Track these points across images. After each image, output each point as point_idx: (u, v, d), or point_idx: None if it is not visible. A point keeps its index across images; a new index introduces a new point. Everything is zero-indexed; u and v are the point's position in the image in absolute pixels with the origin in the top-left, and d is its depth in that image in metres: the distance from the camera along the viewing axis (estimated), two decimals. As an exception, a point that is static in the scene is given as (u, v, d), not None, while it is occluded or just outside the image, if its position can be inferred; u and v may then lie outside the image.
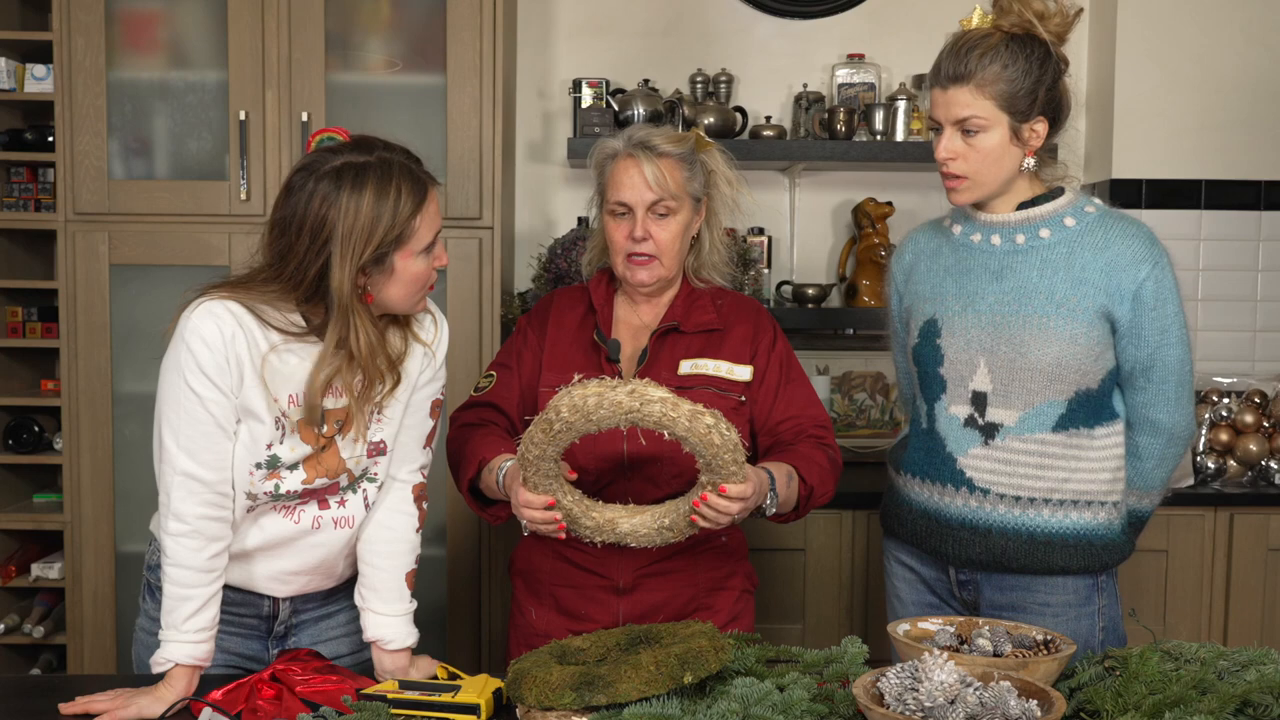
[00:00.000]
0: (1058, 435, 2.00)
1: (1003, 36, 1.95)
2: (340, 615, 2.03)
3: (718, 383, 2.08)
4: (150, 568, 1.97)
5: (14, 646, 3.24)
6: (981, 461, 2.03)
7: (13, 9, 3.25)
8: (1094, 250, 1.98)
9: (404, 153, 1.82)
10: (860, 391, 3.57)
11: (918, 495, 2.12)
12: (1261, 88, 3.48)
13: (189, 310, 1.76)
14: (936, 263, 2.12)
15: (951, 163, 1.99)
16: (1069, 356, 1.97)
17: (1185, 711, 1.46)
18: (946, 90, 1.97)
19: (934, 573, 2.14)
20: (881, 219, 3.50)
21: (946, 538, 2.07)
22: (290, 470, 1.83)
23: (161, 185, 3.06)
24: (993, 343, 2.01)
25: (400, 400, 1.90)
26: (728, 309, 2.16)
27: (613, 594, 2.08)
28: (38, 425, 3.24)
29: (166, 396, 1.77)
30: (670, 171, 2.07)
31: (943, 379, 2.07)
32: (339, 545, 1.93)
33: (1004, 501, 2.02)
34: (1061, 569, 2.01)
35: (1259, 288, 3.54)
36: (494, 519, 2.06)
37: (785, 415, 2.11)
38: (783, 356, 2.15)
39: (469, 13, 3.01)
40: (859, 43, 3.58)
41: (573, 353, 2.13)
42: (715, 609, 2.10)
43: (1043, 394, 1.99)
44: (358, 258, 1.73)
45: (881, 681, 1.45)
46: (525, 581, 2.17)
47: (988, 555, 2.03)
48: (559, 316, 2.17)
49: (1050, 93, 1.96)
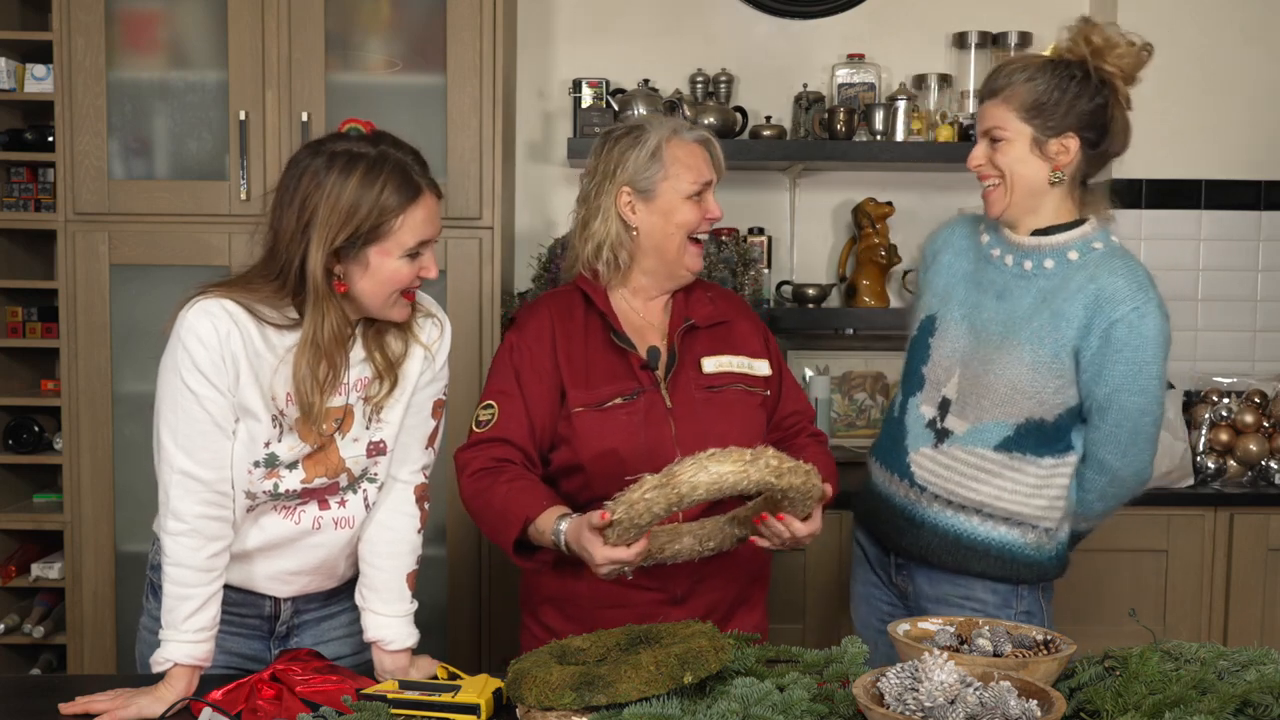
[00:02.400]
0: (998, 454, 2.04)
1: (1048, 59, 2.01)
2: (343, 616, 2.02)
3: (745, 379, 2.08)
4: (153, 567, 1.97)
5: (14, 646, 3.24)
6: (927, 461, 2.10)
7: (13, 9, 3.24)
8: (1079, 285, 1.99)
9: (412, 153, 1.81)
10: (860, 391, 3.57)
11: (876, 479, 2.22)
12: (1261, 88, 3.48)
13: (185, 309, 1.77)
14: (958, 262, 2.15)
15: (978, 170, 2.04)
16: (1025, 382, 1.99)
17: (1185, 711, 1.46)
18: (983, 104, 2.04)
19: (878, 554, 2.24)
20: (881, 219, 3.50)
21: (889, 523, 2.16)
22: (289, 469, 1.83)
23: (161, 185, 3.06)
24: (969, 356, 2.06)
25: (400, 402, 1.89)
26: (720, 300, 2.16)
27: (671, 605, 2.03)
28: (38, 425, 3.24)
29: (164, 396, 1.78)
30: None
31: (923, 377, 2.13)
32: (339, 546, 1.93)
33: (938, 501, 2.09)
34: (979, 573, 2.08)
35: (1259, 288, 3.54)
36: (543, 565, 1.98)
37: (790, 409, 2.15)
38: (778, 349, 2.19)
39: (469, 13, 3.01)
40: (859, 43, 3.58)
41: (594, 365, 2.03)
42: (754, 601, 2.14)
43: (991, 413, 2.03)
44: (331, 240, 1.73)
45: (881, 681, 1.45)
46: (558, 608, 2.07)
47: (917, 547, 2.12)
48: (559, 325, 2.06)
49: (1087, 113, 1.97)
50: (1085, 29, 1.99)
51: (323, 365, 1.78)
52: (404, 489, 1.96)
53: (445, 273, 3.04)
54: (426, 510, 1.98)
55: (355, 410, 1.86)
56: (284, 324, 1.79)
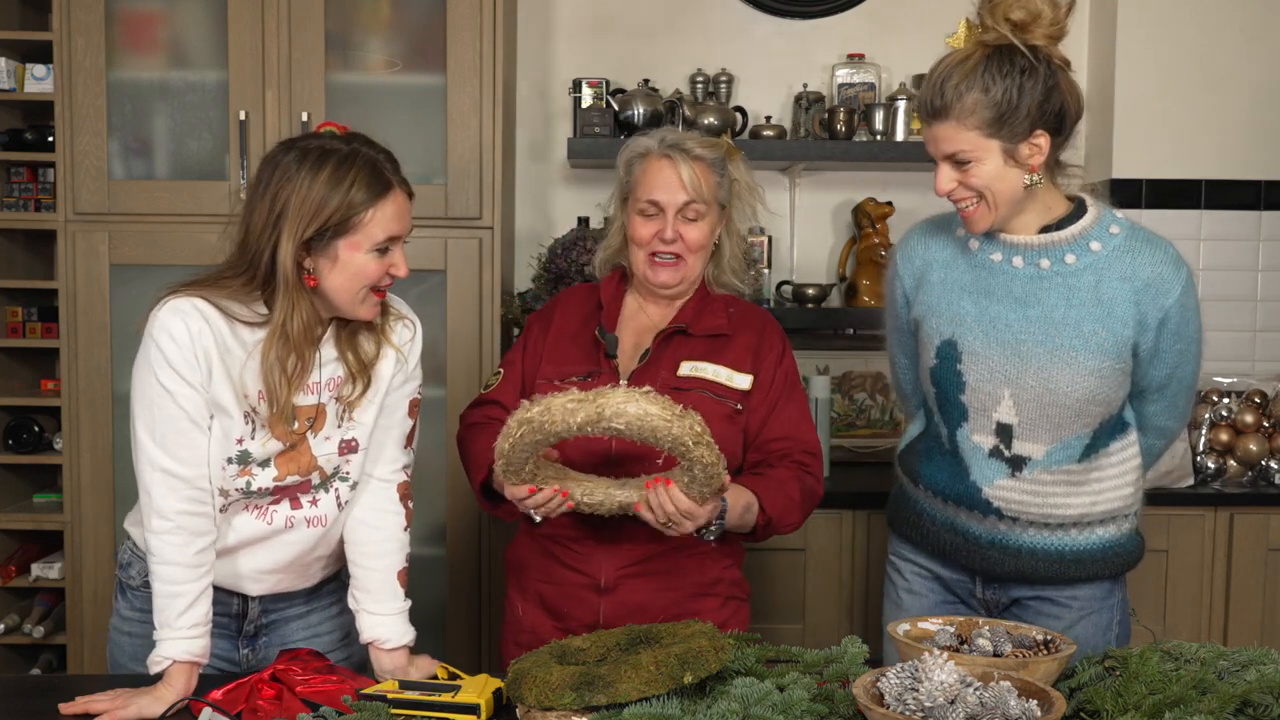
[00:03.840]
0: (1083, 464, 1.99)
1: (982, 55, 1.85)
2: (312, 616, 2.04)
3: (715, 388, 2.07)
4: (123, 565, 1.99)
5: (14, 646, 3.24)
6: (1009, 493, 2.00)
7: (13, 9, 3.25)
8: (1120, 279, 1.92)
9: (384, 153, 1.84)
10: (860, 391, 3.57)
11: (940, 511, 2.09)
12: (1261, 88, 3.48)
13: (156, 309, 1.79)
14: (951, 276, 2.03)
15: (952, 195, 1.93)
16: (1098, 391, 1.94)
17: (1185, 711, 1.46)
18: (930, 126, 1.90)
19: (957, 576, 2.12)
20: (881, 219, 3.50)
21: (974, 555, 2.05)
22: (261, 467, 1.85)
23: (161, 185, 3.06)
24: (1018, 374, 1.95)
25: (373, 403, 1.92)
26: (739, 317, 2.16)
27: (594, 593, 2.06)
28: (38, 425, 3.24)
29: (139, 395, 1.79)
30: (704, 175, 2.09)
31: (964, 406, 2.01)
32: (311, 544, 1.94)
33: (1034, 526, 2.01)
34: (1089, 578, 2.03)
35: (1259, 288, 3.54)
36: (508, 515, 2.08)
37: (779, 434, 2.09)
38: (789, 372, 2.14)
39: (469, 13, 3.01)
40: (859, 43, 3.58)
41: (572, 347, 2.13)
42: (699, 615, 2.06)
43: (1070, 427, 1.96)
44: (301, 232, 1.75)
45: (881, 681, 1.45)
46: (516, 577, 2.18)
47: (1016, 572, 2.03)
48: (565, 312, 2.18)
49: (1046, 104, 1.85)
50: (1000, 6, 1.84)
51: (291, 358, 1.80)
52: (387, 488, 1.98)
53: (445, 272, 3.05)
54: (410, 508, 2.01)
55: (328, 409, 1.88)
56: (254, 320, 1.81)
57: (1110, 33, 3.48)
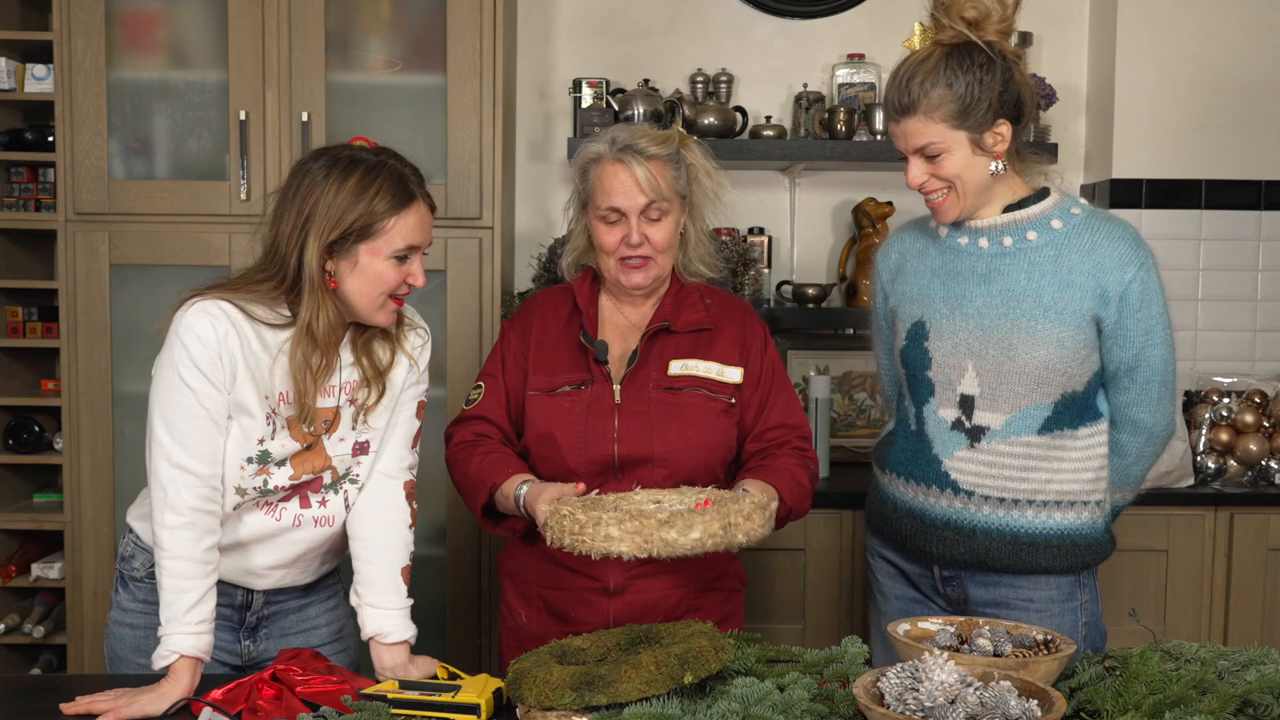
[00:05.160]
0: (1042, 437, 2.01)
1: (941, 54, 1.96)
2: (311, 609, 2.08)
3: (708, 384, 2.08)
4: (125, 558, 2.01)
5: (14, 646, 3.24)
6: (966, 464, 2.04)
7: (13, 9, 3.25)
8: (1081, 253, 1.99)
9: (411, 167, 1.91)
10: (860, 391, 3.57)
11: (902, 495, 2.13)
12: (1261, 88, 3.48)
13: (182, 310, 1.83)
14: (923, 264, 2.12)
15: (923, 187, 2.02)
16: (1056, 359, 1.98)
17: (1185, 711, 1.46)
18: (899, 123, 2.00)
19: (918, 569, 2.15)
20: (881, 219, 3.50)
21: (931, 537, 2.08)
22: (279, 466, 1.89)
23: (161, 185, 3.06)
24: (980, 346, 2.02)
25: (387, 408, 1.98)
26: (717, 308, 2.16)
27: (603, 596, 2.06)
28: (38, 425, 3.24)
29: (160, 392, 1.83)
30: (660, 173, 2.06)
31: (930, 382, 2.07)
32: (317, 543, 1.99)
33: (988, 503, 2.03)
34: (1045, 568, 2.03)
35: (1259, 288, 3.54)
36: (510, 532, 2.09)
37: (775, 422, 2.12)
38: (775, 361, 2.15)
39: (469, 13, 3.01)
40: (859, 43, 3.58)
41: (559, 355, 2.12)
42: (705, 609, 2.09)
43: (1029, 397, 2.00)
44: (326, 236, 1.82)
45: (881, 681, 1.45)
46: (514, 583, 2.17)
47: (972, 555, 2.04)
48: (543, 318, 2.17)
49: (1005, 95, 1.96)
50: (954, 6, 1.96)
51: (316, 354, 1.86)
52: (394, 485, 2.01)
53: (445, 272, 3.05)
54: (415, 508, 2.04)
55: (343, 413, 1.93)
56: (278, 322, 1.86)
57: (1110, 33, 3.48)
